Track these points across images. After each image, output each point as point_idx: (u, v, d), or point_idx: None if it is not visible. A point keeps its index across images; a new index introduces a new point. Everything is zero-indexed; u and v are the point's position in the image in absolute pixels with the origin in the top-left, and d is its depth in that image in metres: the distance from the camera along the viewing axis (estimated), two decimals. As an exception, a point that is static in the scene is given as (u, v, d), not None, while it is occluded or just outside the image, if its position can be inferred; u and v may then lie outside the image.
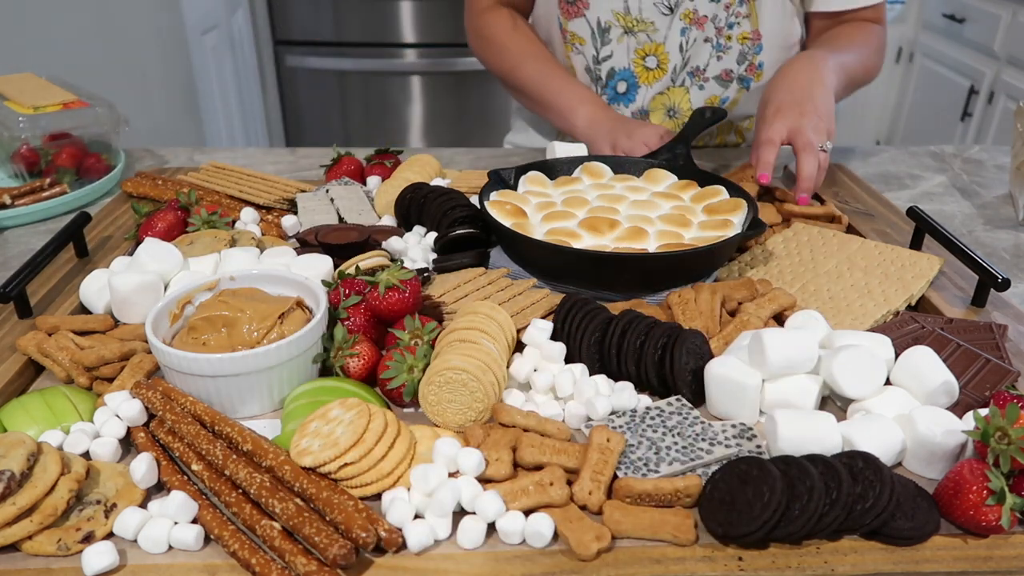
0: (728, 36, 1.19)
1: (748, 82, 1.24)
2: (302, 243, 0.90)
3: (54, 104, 1.12)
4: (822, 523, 0.53)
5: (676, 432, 0.62)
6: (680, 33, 1.18)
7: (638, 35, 1.19)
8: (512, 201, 0.90)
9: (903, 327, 0.74)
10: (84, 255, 0.91)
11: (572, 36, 1.22)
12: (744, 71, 1.23)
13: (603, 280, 0.81)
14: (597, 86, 1.25)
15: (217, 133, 2.63)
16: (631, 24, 1.18)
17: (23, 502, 0.53)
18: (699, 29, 1.18)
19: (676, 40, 1.19)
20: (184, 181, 1.09)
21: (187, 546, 0.54)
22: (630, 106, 1.25)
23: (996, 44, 2.66)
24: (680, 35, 1.19)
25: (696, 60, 1.21)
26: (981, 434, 0.56)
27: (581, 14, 1.20)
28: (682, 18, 1.17)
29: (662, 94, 1.24)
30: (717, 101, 1.25)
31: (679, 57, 1.21)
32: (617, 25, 1.19)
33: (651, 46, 1.19)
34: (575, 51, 1.24)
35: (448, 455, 0.57)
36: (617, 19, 1.19)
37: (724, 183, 0.95)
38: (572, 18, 1.21)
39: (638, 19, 1.18)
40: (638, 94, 1.24)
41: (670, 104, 1.25)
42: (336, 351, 0.69)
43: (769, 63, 1.23)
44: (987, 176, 1.22)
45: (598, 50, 1.22)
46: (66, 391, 0.67)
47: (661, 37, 1.19)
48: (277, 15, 2.98)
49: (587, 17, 1.20)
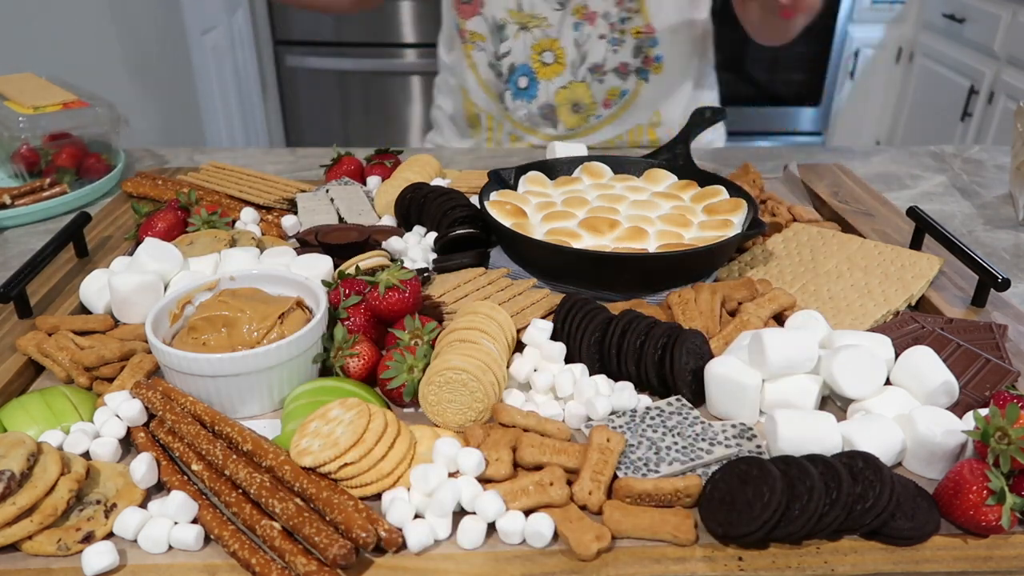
0: (622, 31, 1.22)
1: (646, 74, 1.26)
2: (302, 243, 0.90)
3: (54, 104, 1.12)
4: (822, 523, 0.53)
5: (676, 432, 0.62)
6: (573, 28, 1.21)
7: (533, 31, 1.21)
8: (512, 201, 0.90)
9: (903, 327, 0.74)
10: (84, 255, 0.91)
11: (471, 34, 1.25)
12: (641, 64, 1.25)
13: (603, 280, 0.81)
14: (500, 81, 1.28)
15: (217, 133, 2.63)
16: (525, 20, 1.21)
17: (23, 502, 0.53)
18: (591, 25, 1.20)
19: (570, 35, 1.22)
20: (184, 181, 1.09)
21: (187, 546, 0.54)
22: (533, 101, 1.27)
23: (996, 44, 2.66)
24: (574, 30, 1.21)
25: (593, 55, 1.23)
26: (981, 434, 0.56)
27: (478, 12, 1.23)
28: (574, 13, 1.20)
29: (565, 88, 1.26)
30: (618, 94, 1.27)
31: (575, 52, 1.23)
32: (512, 22, 1.21)
33: (547, 41, 1.22)
34: (476, 48, 1.26)
35: (448, 455, 0.57)
36: (511, 16, 1.21)
37: (724, 183, 0.95)
38: (469, 17, 1.24)
39: (531, 15, 1.20)
40: (539, 89, 1.26)
41: (574, 98, 1.26)
42: (336, 351, 0.69)
43: (670, 56, 1.26)
44: (987, 176, 1.22)
45: (497, 47, 1.24)
46: (66, 391, 0.67)
47: (555, 32, 1.21)
48: (277, 15, 2.98)
49: (483, 15, 1.23)
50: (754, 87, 3.30)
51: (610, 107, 1.28)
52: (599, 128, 1.31)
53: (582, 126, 1.30)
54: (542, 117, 1.30)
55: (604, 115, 1.29)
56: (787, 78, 3.27)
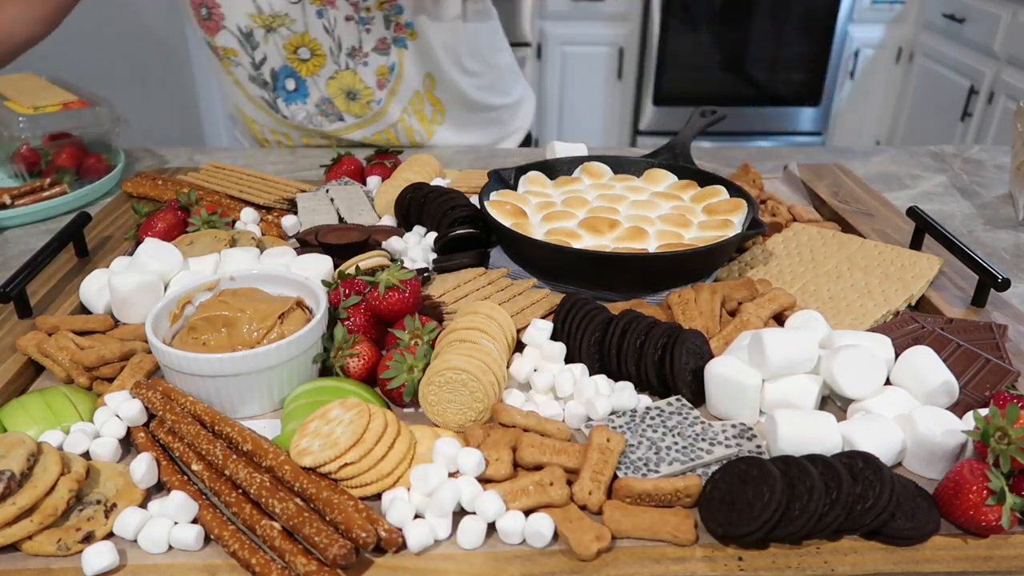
0: (367, 8, 1.19)
1: (403, 42, 1.24)
2: (302, 243, 0.90)
3: (54, 104, 1.12)
4: (822, 523, 0.53)
5: (676, 432, 0.62)
6: (318, 16, 1.18)
7: (280, 30, 1.19)
8: (512, 201, 0.90)
9: (903, 327, 0.74)
10: (84, 255, 0.91)
11: (224, 51, 1.22)
12: (396, 33, 1.22)
13: (603, 280, 0.81)
14: (267, 90, 1.25)
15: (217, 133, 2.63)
16: (269, 22, 1.18)
17: (23, 502, 0.53)
18: (334, 8, 1.17)
19: (318, 24, 1.19)
20: (184, 181, 1.09)
21: (187, 546, 0.54)
22: (308, 100, 1.25)
23: (996, 44, 2.66)
24: (319, 18, 1.18)
25: (348, 39, 1.21)
26: (981, 434, 0.56)
27: (221, 27, 1.19)
28: (312, 2, 1.17)
29: (333, 79, 1.23)
30: (387, 71, 1.24)
31: (330, 40, 1.20)
32: (258, 26, 1.18)
33: (296, 37, 1.19)
34: (233, 64, 1.23)
35: (448, 455, 0.57)
36: (254, 20, 1.18)
37: (724, 183, 0.95)
38: (215, 33, 1.20)
39: (272, 15, 1.17)
40: (308, 87, 1.24)
41: (346, 87, 1.24)
42: (336, 351, 0.69)
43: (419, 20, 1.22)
44: (987, 176, 1.22)
45: (252, 56, 1.22)
46: (66, 391, 0.67)
47: (301, 26, 1.18)
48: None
49: (227, 27, 1.19)
50: (754, 87, 3.30)
51: (384, 87, 1.26)
52: (386, 110, 1.28)
53: (367, 113, 1.28)
54: (322, 114, 1.27)
55: (383, 96, 1.26)
56: (787, 78, 3.28)
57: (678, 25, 3.14)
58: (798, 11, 3.15)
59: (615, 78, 3.26)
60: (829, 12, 3.12)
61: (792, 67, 3.26)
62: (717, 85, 3.30)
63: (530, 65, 3.13)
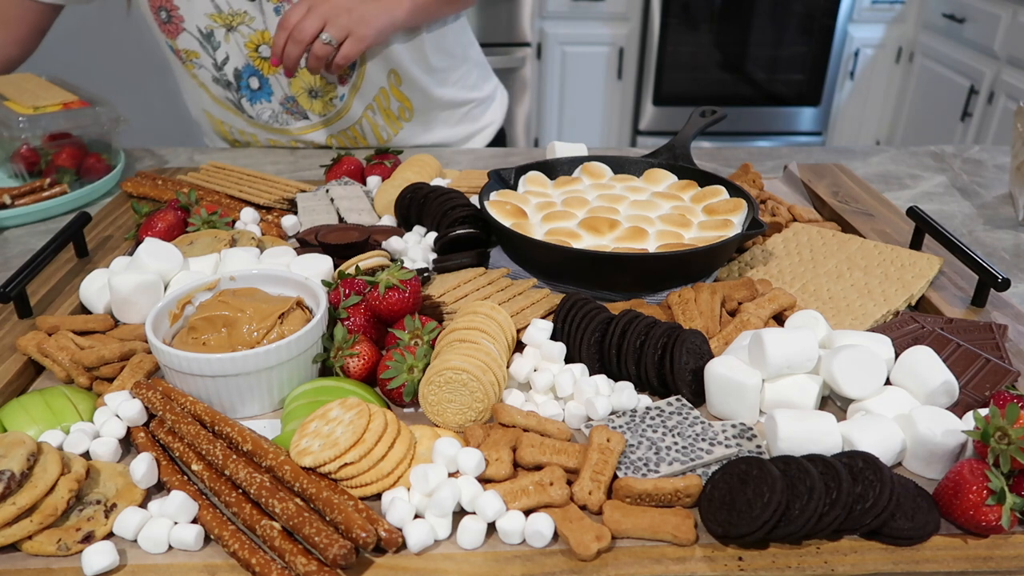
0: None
1: None
2: (302, 243, 0.90)
3: (54, 104, 1.12)
4: (822, 523, 0.53)
5: (676, 432, 0.62)
6: (276, 13, 1.17)
7: (240, 29, 1.18)
8: (512, 201, 0.90)
9: (903, 327, 0.74)
10: (84, 255, 0.91)
11: (186, 53, 1.21)
12: None
13: (603, 280, 0.81)
14: (230, 91, 1.24)
15: (217, 133, 2.62)
16: (228, 20, 1.17)
17: (23, 502, 0.53)
18: (289, 3, 1.16)
19: (275, 21, 1.17)
20: (184, 181, 1.09)
21: (187, 546, 0.54)
22: (272, 99, 1.25)
23: (996, 44, 2.66)
24: (277, 14, 1.17)
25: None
26: (981, 434, 0.56)
27: (181, 29, 1.18)
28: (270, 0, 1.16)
29: (295, 77, 1.22)
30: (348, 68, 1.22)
31: None
32: (218, 26, 1.18)
33: (257, 35, 1.18)
34: (196, 67, 1.22)
35: (448, 455, 0.57)
36: (214, 20, 1.17)
37: (724, 183, 0.95)
38: (176, 36, 1.20)
39: (231, 13, 1.16)
40: (272, 85, 1.23)
41: (307, 85, 1.23)
42: (336, 351, 0.69)
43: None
44: (987, 176, 1.22)
45: (214, 57, 1.21)
46: (66, 391, 0.67)
47: (261, 24, 1.17)
48: (277, 15, 2.98)
49: (188, 30, 1.18)
50: (754, 87, 3.30)
51: (347, 82, 1.24)
52: (349, 106, 1.27)
53: (331, 111, 1.27)
54: (287, 112, 1.26)
55: (345, 91, 1.25)
56: (787, 78, 3.28)
57: (678, 25, 3.14)
58: (798, 11, 3.15)
59: (615, 78, 3.26)
60: (829, 12, 3.12)
61: (792, 67, 3.26)
62: (717, 85, 3.30)
63: (530, 65, 3.13)
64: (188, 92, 1.32)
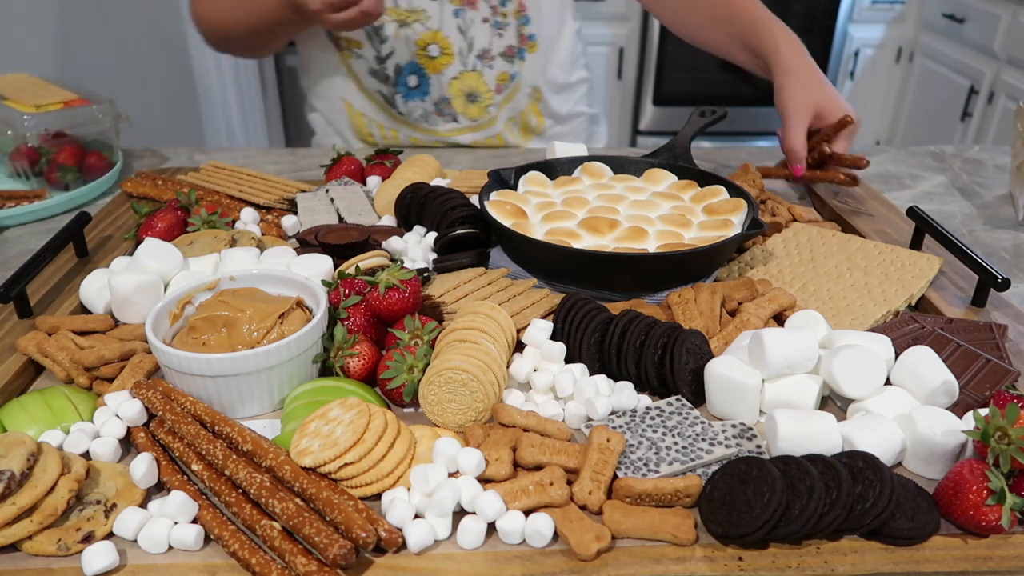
0: (504, 13, 1.21)
1: (523, 53, 1.26)
2: (302, 243, 0.90)
3: (55, 103, 1.11)
4: (822, 523, 0.53)
5: (676, 432, 0.62)
6: (454, 15, 1.19)
7: (413, 26, 1.18)
8: (512, 201, 0.90)
9: (903, 327, 0.74)
10: (84, 255, 0.91)
11: (348, 42, 1.21)
12: (519, 44, 1.25)
13: (603, 280, 0.81)
14: (388, 85, 1.25)
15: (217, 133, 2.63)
16: (403, 16, 1.18)
17: (23, 502, 0.53)
18: (473, 9, 1.19)
19: (452, 23, 1.19)
20: (184, 181, 1.09)
21: (187, 546, 0.54)
22: (427, 98, 1.26)
23: (996, 44, 2.66)
24: (455, 17, 1.19)
25: (480, 41, 1.22)
26: (981, 434, 0.56)
27: None
28: (452, 2, 1.18)
29: (456, 79, 1.24)
30: (508, 78, 1.26)
31: (462, 40, 1.21)
32: (390, 20, 1.18)
33: (429, 34, 1.19)
34: (355, 56, 1.23)
35: (448, 455, 0.57)
36: (389, 13, 1.18)
37: (724, 183, 0.95)
38: None
39: (409, 9, 1.17)
40: (431, 85, 1.24)
41: (467, 89, 1.25)
42: (336, 351, 0.69)
43: (543, 34, 1.26)
44: (987, 176, 1.22)
45: (378, 49, 1.21)
46: (66, 391, 0.67)
47: (436, 24, 1.19)
48: (277, 15, 2.97)
49: None
50: (754, 87, 3.30)
51: (502, 92, 1.27)
52: (498, 117, 1.30)
53: (482, 117, 1.28)
54: (438, 113, 1.28)
55: (499, 100, 1.28)
56: (787, 78, 3.27)
57: (678, 25, 3.13)
58: (798, 11, 3.14)
59: (615, 78, 3.26)
60: (829, 12, 3.12)
61: (792, 67, 3.25)
62: (717, 85, 3.30)
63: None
64: (329, 80, 1.30)
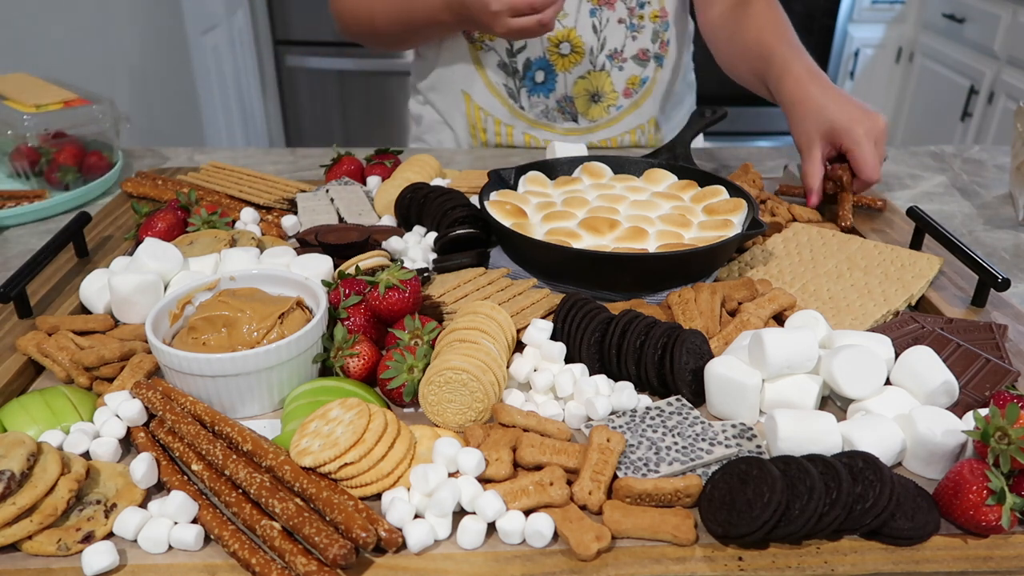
0: (640, 16, 1.22)
1: (662, 59, 1.27)
2: (302, 243, 0.90)
3: (55, 102, 1.11)
4: (822, 523, 0.53)
5: (676, 432, 0.62)
6: (590, 15, 1.19)
7: None
8: (512, 201, 0.90)
9: (903, 327, 0.74)
10: (84, 255, 0.91)
11: (480, 34, 1.22)
12: (658, 49, 1.25)
13: (603, 280, 0.81)
14: (515, 79, 1.25)
15: (217, 133, 2.63)
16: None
17: (23, 502, 0.53)
18: (610, 9, 1.19)
19: (587, 22, 1.20)
20: (184, 181, 1.09)
21: (187, 546, 0.54)
22: (551, 95, 1.26)
23: (996, 44, 2.66)
24: (591, 16, 1.20)
25: (612, 42, 1.22)
26: (981, 434, 0.56)
27: None
28: (590, 1, 1.18)
29: (583, 78, 1.24)
30: (638, 82, 1.26)
31: (595, 39, 1.21)
32: None
33: (563, 32, 1.20)
34: (485, 48, 1.23)
35: (448, 455, 0.57)
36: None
37: (724, 183, 0.95)
38: None
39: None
40: (557, 82, 1.24)
41: (592, 89, 1.25)
42: (336, 351, 0.69)
43: (674, 38, 1.27)
44: (987, 176, 1.22)
45: (511, 43, 1.22)
46: (66, 391, 0.67)
47: (571, 21, 1.19)
48: (277, 15, 2.98)
49: None
50: (754, 87, 3.30)
51: (631, 96, 1.27)
52: (620, 119, 1.29)
53: (603, 117, 1.28)
54: (559, 111, 1.28)
55: (625, 104, 1.28)
56: (787, 78, 3.27)
57: (678, 25, 3.14)
58: (798, 11, 3.14)
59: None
60: (829, 12, 3.12)
61: (792, 67, 3.25)
62: (717, 85, 3.28)
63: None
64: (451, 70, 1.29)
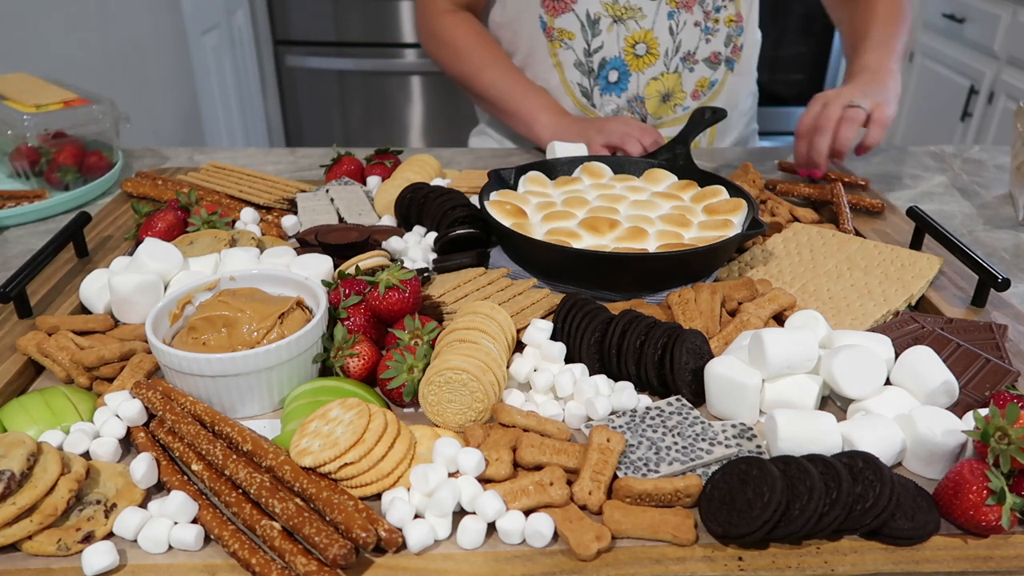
0: (716, 19, 1.23)
1: (733, 64, 1.28)
2: (302, 243, 0.90)
3: (55, 102, 1.11)
4: (822, 523, 0.53)
5: (676, 432, 0.62)
6: (668, 17, 1.21)
7: (627, 23, 1.21)
8: (512, 201, 0.90)
9: (903, 327, 0.74)
10: (84, 255, 0.91)
11: (560, 32, 1.23)
12: (730, 53, 1.27)
13: (603, 280, 0.81)
14: (589, 78, 1.26)
15: (217, 133, 2.63)
16: (620, 12, 1.20)
17: (23, 502, 0.53)
18: (687, 12, 1.21)
19: (664, 24, 1.22)
20: (184, 181, 1.09)
21: (187, 546, 0.54)
22: (623, 94, 1.27)
23: (996, 44, 2.66)
24: (668, 19, 1.21)
25: (687, 44, 1.23)
26: (981, 434, 0.56)
27: (569, 9, 1.21)
28: (669, 2, 1.20)
29: (656, 80, 1.25)
30: (707, 84, 1.27)
31: (670, 41, 1.23)
32: (606, 15, 1.21)
33: (640, 33, 1.21)
34: (564, 47, 1.24)
35: (448, 455, 0.57)
36: (607, 9, 1.20)
37: (724, 183, 0.95)
38: (559, 14, 1.22)
39: (627, 7, 1.20)
40: (630, 82, 1.25)
41: (664, 90, 1.26)
42: (336, 351, 0.69)
43: (747, 44, 1.29)
44: (987, 176, 1.22)
45: (589, 42, 1.23)
46: (66, 391, 0.67)
47: (649, 23, 1.21)
48: (277, 15, 2.98)
49: (576, 11, 1.21)
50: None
51: (698, 98, 1.28)
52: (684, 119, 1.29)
53: (668, 115, 1.29)
54: (629, 110, 1.29)
55: (692, 106, 1.28)
56: (787, 78, 3.27)
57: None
58: (798, 11, 3.15)
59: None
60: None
61: (792, 67, 3.25)
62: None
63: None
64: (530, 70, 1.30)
